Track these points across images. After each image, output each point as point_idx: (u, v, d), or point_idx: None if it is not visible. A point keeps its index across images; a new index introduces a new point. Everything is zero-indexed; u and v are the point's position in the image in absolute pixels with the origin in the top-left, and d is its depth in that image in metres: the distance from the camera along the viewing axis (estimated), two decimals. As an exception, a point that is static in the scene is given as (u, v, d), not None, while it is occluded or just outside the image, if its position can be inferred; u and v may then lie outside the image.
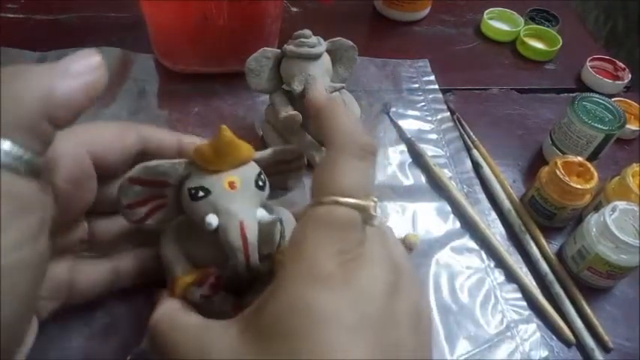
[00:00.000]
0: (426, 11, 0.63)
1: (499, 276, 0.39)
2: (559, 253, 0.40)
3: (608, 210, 0.36)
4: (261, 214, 0.28)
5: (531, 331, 0.36)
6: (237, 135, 0.29)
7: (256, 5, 0.45)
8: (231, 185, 0.28)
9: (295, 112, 0.40)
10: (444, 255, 0.39)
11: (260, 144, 0.44)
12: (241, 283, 0.30)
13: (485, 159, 0.46)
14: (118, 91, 0.48)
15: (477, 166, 0.46)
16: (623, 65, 0.57)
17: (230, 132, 0.28)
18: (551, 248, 0.40)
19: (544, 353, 0.35)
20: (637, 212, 0.36)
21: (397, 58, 0.56)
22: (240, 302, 0.30)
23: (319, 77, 0.40)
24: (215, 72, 0.50)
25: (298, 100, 0.41)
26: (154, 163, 0.28)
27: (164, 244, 0.31)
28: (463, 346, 0.34)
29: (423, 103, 0.51)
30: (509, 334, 0.36)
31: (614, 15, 1.08)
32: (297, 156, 0.32)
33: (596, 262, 0.36)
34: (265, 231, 0.29)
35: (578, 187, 0.39)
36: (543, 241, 0.41)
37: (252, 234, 0.27)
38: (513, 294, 0.38)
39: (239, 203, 0.28)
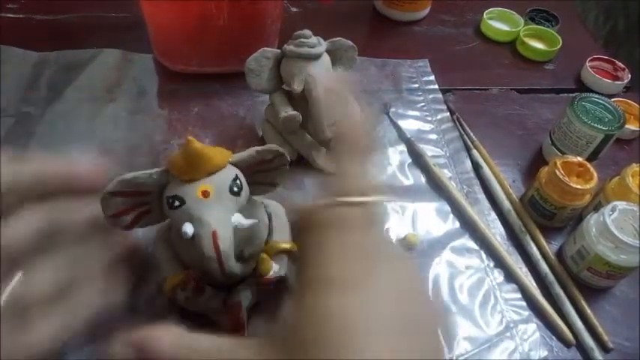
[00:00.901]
0: (426, 11, 0.63)
1: (499, 276, 0.39)
2: (559, 254, 0.40)
3: (607, 210, 0.36)
4: (238, 219, 0.29)
5: (531, 331, 0.36)
6: (237, 135, 0.29)
7: (256, 5, 0.45)
8: (205, 194, 0.28)
9: (295, 112, 0.40)
10: (444, 255, 0.39)
11: (260, 144, 0.44)
12: (230, 281, 0.30)
13: (485, 159, 0.46)
14: (118, 92, 0.48)
15: (476, 166, 0.46)
16: (622, 65, 0.57)
17: (198, 143, 0.28)
18: (550, 248, 0.40)
19: (544, 353, 0.35)
20: (637, 212, 0.36)
21: (397, 58, 0.56)
22: (229, 298, 0.30)
23: (319, 77, 0.40)
24: (215, 72, 0.50)
25: (298, 100, 0.41)
26: (130, 175, 0.28)
27: (156, 244, 0.31)
28: (463, 346, 0.34)
29: (422, 103, 0.51)
30: (508, 334, 0.36)
31: (614, 15, 1.08)
32: (277, 154, 0.32)
33: (596, 262, 0.36)
34: (245, 235, 0.30)
35: (578, 187, 0.39)
36: (543, 241, 0.41)
37: (225, 243, 0.27)
38: (513, 294, 0.38)
39: (213, 212, 0.28)
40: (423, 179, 0.44)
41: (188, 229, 0.27)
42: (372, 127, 0.41)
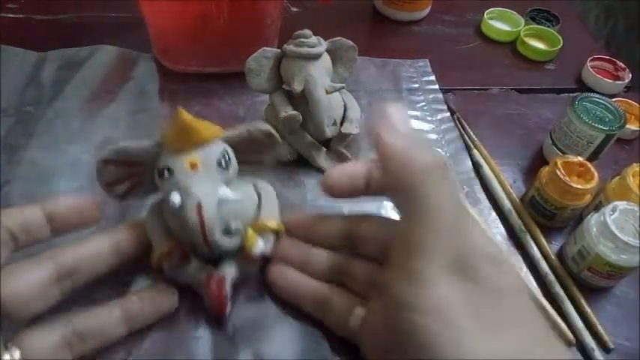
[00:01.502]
0: (426, 11, 0.63)
1: (499, 276, 0.38)
2: (559, 254, 0.40)
3: (608, 210, 0.36)
4: (224, 192, 0.29)
5: (531, 331, 0.36)
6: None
7: (256, 5, 0.45)
8: (192, 165, 0.29)
9: (295, 112, 0.40)
10: (444, 255, 0.39)
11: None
12: (216, 254, 0.31)
13: (485, 159, 0.46)
14: (118, 91, 0.48)
15: (477, 166, 0.46)
16: (623, 65, 0.57)
17: (187, 114, 0.29)
18: (551, 248, 0.40)
19: (544, 353, 0.35)
20: (637, 212, 0.36)
21: (397, 58, 0.56)
22: (214, 272, 0.31)
23: (319, 77, 0.40)
24: (215, 72, 0.50)
25: (298, 100, 0.41)
26: (122, 145, 0.30)
27: (147, 217, 0.32)
28: (463, 346, 0.34)
29: (423, 103, 0.51)
30: (509, 334, 0.35)
31: (614, 15, 1.08)
32: (268, 134, 0.32)
33: (597, 262, 0.36)
34: (231, 208, 0.30)
35: (579, 187, 0.39)
36: (543, 241, 0.40)
37: (210, 215, 0.28)
38: (513, 294, 0.38)
39: (200, 183, 0.29)
40: (423, 179, 0.44)
41: (175, 198, 0.28)
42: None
